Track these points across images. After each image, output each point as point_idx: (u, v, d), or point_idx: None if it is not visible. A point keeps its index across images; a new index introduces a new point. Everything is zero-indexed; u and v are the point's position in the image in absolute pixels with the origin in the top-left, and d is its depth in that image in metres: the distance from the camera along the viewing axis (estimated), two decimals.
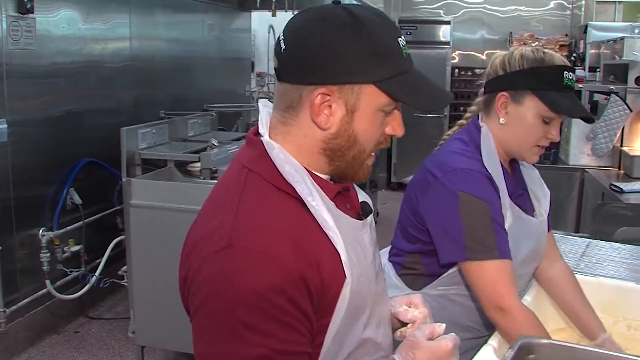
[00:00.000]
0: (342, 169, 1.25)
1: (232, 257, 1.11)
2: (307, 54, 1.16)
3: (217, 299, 1.10)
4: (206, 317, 1.12)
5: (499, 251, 1.72)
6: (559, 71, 1.80)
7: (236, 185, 1.21)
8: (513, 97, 1.83)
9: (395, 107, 1.22)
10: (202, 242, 1.16)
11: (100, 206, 4.77)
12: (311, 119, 1.19)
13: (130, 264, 3.79)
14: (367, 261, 1.29)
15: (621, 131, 5.08)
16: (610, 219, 3.36)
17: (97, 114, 4.77)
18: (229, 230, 1.13)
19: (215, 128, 5.45)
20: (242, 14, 7.44)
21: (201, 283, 1.13)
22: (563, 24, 9.30)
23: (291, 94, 1.20)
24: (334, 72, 1.15)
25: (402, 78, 1.19)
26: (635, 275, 2.31)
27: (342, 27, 1.15)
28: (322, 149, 1.22)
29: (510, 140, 1.87)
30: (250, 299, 1.08)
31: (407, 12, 9.50)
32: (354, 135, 1.21)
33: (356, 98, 1.17)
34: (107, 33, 4.91)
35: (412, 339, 1.27)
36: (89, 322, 4.60)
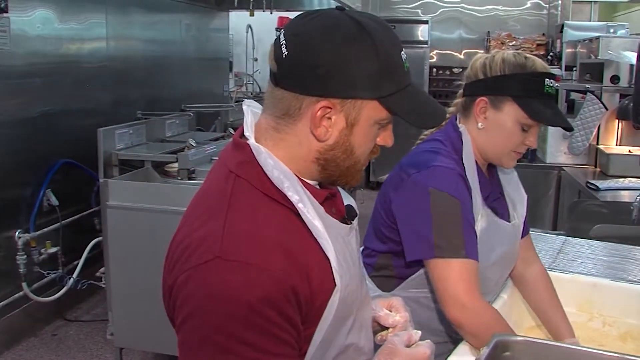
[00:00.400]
0: (334, 177, 1.24)
1: (221, 269, 1.07)
2: (312, 65, 1.12)
3: (207, 313, 1.07)
4: (195, 331, 1.08)
5: (466, 250, 1.70)
6: (541, 78, 1.77)
7: (223, 192, 1.17)
8: (492, 103, 1.81)
9: (390, 120, 1.21)
10: (189, 251, 1.12)
11: (78, 207, 4.73)
12: (310, 130, 1.16)
13: (108, 265, 3.76)
14: (355, 266, 1.28)
15: (597, 129, 5.12)
16: (586, 216, 3.38)
17: (73, 115, 4.72)
18: (217, 240, 1.10)
19: (193, 128, 5.43)
20: (220, 13, 7.41)
21: (188, 296, 1.09)
22: (540, 23, 9.38)
23: (289, 102, 1.16)
24: (340, 86, 1.13)
25: (403, 93, 1.17)
26: (610, 272, 2.33)
27: (351, 40, 1.12)
28: (316, 158, 1.20)
29: (488, 145, 1.86)
30: (241, 312, 1.05)
31: (385, 11, 9.52)
32: (351, 147, 1.19)
33: (357, 112, 1.15)
34: (83, 33, 4.87)
35: (391, 345, 1.26)
36: (66, 324, 4.56)
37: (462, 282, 1.68)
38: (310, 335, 1.16)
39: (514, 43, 8.92)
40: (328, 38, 1.12)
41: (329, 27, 1.13)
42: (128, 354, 4.03)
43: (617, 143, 5.19)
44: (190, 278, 1.09)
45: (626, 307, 1.99)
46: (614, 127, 5.18)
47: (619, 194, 4.19)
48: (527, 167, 5.34)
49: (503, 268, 1.97)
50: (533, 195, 5.15)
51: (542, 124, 1.82)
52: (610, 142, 5.20)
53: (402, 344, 1.26)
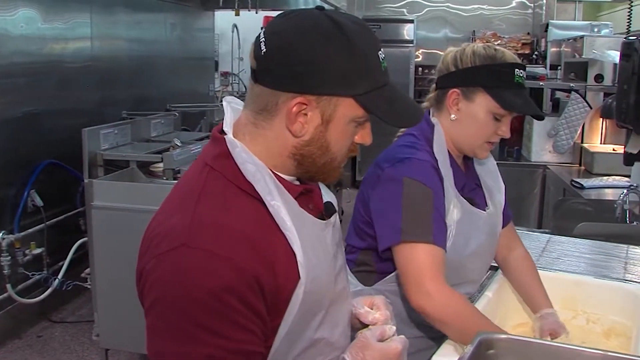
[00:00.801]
0: (311, 173, 1.27)
1: (186, 256, 1.11)
2: (289, 62, 1.15)
3: (171, 299, 1.10)
4: (159, 316, 1.12)
5: (434, 236, 1.70)
6: (511, 69, 1.80)
7: (197, 183, 1.21)
8: (464, 94, 1.84)
9: (367, 118, 1.23)
10: (159, 239, 1.15)
11: (63, 208, 4.70)
12: (285, 126, 1.19)
13: (93, 266, 3.75)
14: (328, 261, 1.30)
15: (582, 128, 5.15)
16: (570, 214, 3.40)
17: (58, 115, 4.70)
18: (185, 228, 1.13)
19: (179, 128, 5.42)
20: (205, 13, 7.40)
21: (155, 281, 1.13)
22: (525, 22, 9.43)
23: (267, 98, 1.19)
24: (315, 83, 1.15)
25: (379, 92, 1.20)
26: (594, 269, 2.34)
27: (327, 39, 1.15)
28: (292, 153, 1.22)
29: (461, 136, 1.88)
30: (204, 298, 1.08)
31: (371, 11, 9.54)
32: (327, 144, 1.22)
33: (333, 109, 1.18)
34: (68, 33, 4.84)
35: (363, 339, 1.29)
36: (51, 325, 4.53)
37: (427, 267, 1.68)
38: (276, 327, 1.19)
39: (499, 42, 8.94)
40: (305, 37, 1.15)
41: (307, 26, 1.16)
42: (114, 355, 4.01)
43: (601, 141, 5.22)
44: (157, 265, 1.13)
45: (610, 304, 2.00)
46: (598, 125, 5.22)
47: (604, 192, 4.21)
48: (513, 165, 5.37)
49: (482, 257, 1.97)
50: (518, 194, 5.23)
51: (513, 114, 1.84)
52: (595, 141, 5.23)
53: (375, 338, 1.29)
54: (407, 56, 8.84)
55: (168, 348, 1.10)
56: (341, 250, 1.42)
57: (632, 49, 3.03)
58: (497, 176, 2.09)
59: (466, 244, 1.86)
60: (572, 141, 5.17)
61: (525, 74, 1.84)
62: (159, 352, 1.13)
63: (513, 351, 1.42)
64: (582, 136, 5.22)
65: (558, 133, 5.20)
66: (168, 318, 1.11)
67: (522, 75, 1.82)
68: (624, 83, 3.13)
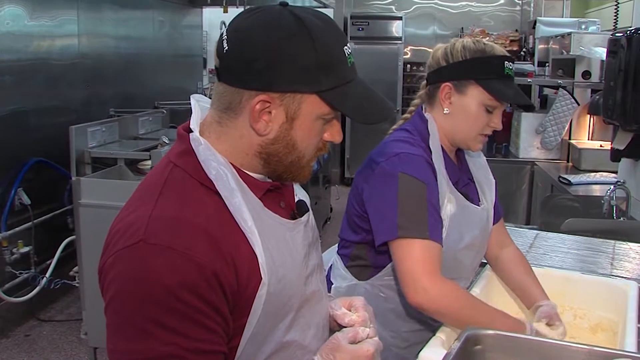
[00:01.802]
0: (279, 171, 1.24)
1: (144, 252, 1.08)
2: (250, 60, 1.13)
3: (127, 296, 1.08)
4: (116, 314, 1.09)
5: (430, 232, 1.72)
6: (500, 61, 1.83)
7: (159, 179, 1.19)
8: (456, 87, 1.86)
9: (334, 115, 1.21)
10: (118, 235, 1.13)
11: (50, 206, 4.68)
12: (250, 124, 1.17)
13: (81, 264, 3.73)
14: (296, 262, 1.26)
15: (569, 124, 5.18)
16: (558, 210, 3.42)
17: (45, 113, 4.67)
18: (144, 224, 1.11)
19: (167, 125, 5.41)
20: (193, 10, 7.38)
21: (113, 278, 1.10)
22: (513, 19, 9.46)
23: (231, 96, 1.17)
24: (277, 80, 1.13)
25: (345, 88, 1.17)
26: (581, 265, 2.35)
27: (289, 35, 1.13)
28: (258, 152, 1.20)
29: (455, 129, 1.90)
30: (161, 296, 1.05)
31: (359, 7, 9.53)
32: (293, 142, 1.19)
33: (297, 106, 1.16)
34: (55, 30, 4.81)
35: (334, 341, 1.27)
36: (39, 324, 4.51)
37: (423, 262, 1.69)
38: (242, 327, 1.16)
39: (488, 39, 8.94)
40: (266, 33, 1.13)
41: (268, 23, 1.14)
42: (103, 354, 3.99)
43: (588, 138, 5.25)
44: (115, 261, 1.11)
45: (597, 300, 2.01)
46: (586, 122, 5.25)
47: (591, 188, 4.24)
48: (501, 162, 5.39)
49: (476, 252, 1.98)
50: (507, 190, 5.24)
51: (505, 105, 1.87)
52: (582, 137, 5.26)
53: (346, 340, 1.26)
54: (395, 53, 8.84)
55: (126, 346, 1.07)
56: (316, 251, 1.39)
57: (618, 46, 3.05)
58: (487, 171, 2.10)
59: (461, 239, 1.87)
60: (560, 137, 5.19)
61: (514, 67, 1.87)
62: (114, 350, 1.10)
63: (500, 347, 1.42)
64: (570, 132, 5.25)
65: (546, 129, 5.22)
66: (124, 315, 1.08)
67: (511, 67, 1.85)
68: (611, 80, 3.14)
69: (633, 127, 3.08)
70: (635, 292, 1.92)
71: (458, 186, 1.91)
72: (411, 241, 1.71)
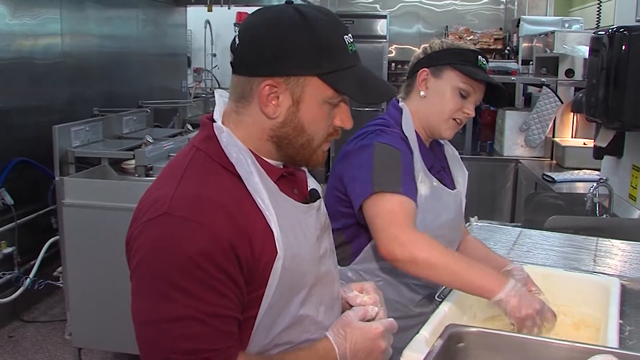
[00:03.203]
0: (291, 155, 1.35)
1: (167, 224, 1.20)
2: (256, 49, 1.28)
3: (151, 262, 1.20)
4: (141, 279, 1.22)
5: (403, 188, 1.79)
6: (475, 54, 1.98)
7: (182, 162, 1.31)
8: (433, 72, 1.99)
9: (341, 99, 1.33)
10: (145, 209, 1.25)
11: (34, 206, 4.65)
12: (260, 109, 1.29)
13: (65, 264, 3.71)
14: (309, 243, 1.37)
15: (553, 122, 5.21)
16: (541, 208, 3.43)
17: (28, 112, 4.64)
18: (168, 199, 1.23)
19: (151, 125, 5.39)
20: (177, 9, 7.35)
21: (139, 247, 1.22)
22: (497, 18, 9.49)
23: (243, 86, 1.31)
24: (280, 66, 1.26)
25: (347, 72, 1.29)
26: (564, 262, 2.37)
27: (291, 24, 1.26)
28: (270, 136, 1.32)
29: (429, 112, 2.00)
30: (181, 262, 1.17)
31: (344, 6, 9.54)
32: (301, 124, 1.31)
33: (301, 90, 1.28)
34: (37, 29, 4.78)
35: (346, 318, 1.39)
36: (23, 325, 4.48)
37: (396, 215, 1.75)
38: (257, 298, 1.27)
39: (472, 37, 9.00)
40: (271, 26, 1.28)
41: (273, 17, 1.29)
42: (87, 354, 3.98)
43: (572, 135, 5.29)
44: (141, 232, 1.23)
45: (580, 296, 2.02)
46: (569, 120, 5.28)
47: (574, 185, 4.26)
48: (485, 160, 5.42)
49: (450, 236, 2.06)
50: (491, 188, 5.27)
51: (478, 94, 1.98)
52: (566, 135, 5.30)
53: (357, 317, 1.39)
54: (380, 52, 8.85)
55: (148, 307, 1.20)
56: (328, 235, 1.49)
57: (600, 44, 3.06)
58: (461, 164, 2.21)
59: (435, 219, 1.95)
60: (544, 135, 5.22)
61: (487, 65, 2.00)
62: (139, 310, 1.22)
63: (483, 344, 1.43)
64: (554, 130, 5.28)
65: (530, 127, 5.24)
66: (148, 280, 1.20)
67: (484, 62, 1.98)
68: (593, 78, 3.16)
69: (615, 125, 3.10)
70: (617, 288, 1.93)
71: (432, 172, 2.00)
72: (385, 195, 1.78)
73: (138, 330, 1.23)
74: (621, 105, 2.94)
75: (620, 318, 1.77)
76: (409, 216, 1.76)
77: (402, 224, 1.73)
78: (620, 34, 2.93)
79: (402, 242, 1.70)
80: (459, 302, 1.83)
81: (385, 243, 1.73)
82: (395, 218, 1.74)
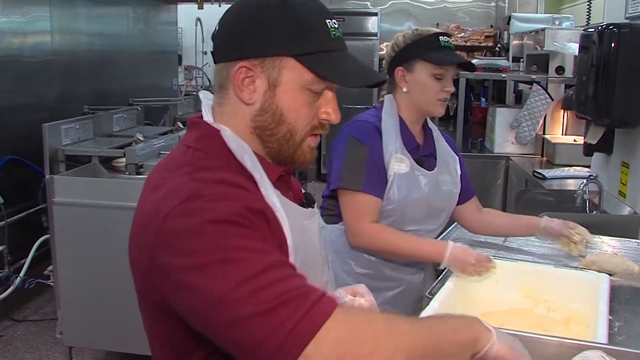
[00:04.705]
0: (275, 151, 1.26)
1: (195, 203, 1.09)
2: (231, 32, 1.23)
3: (199, 239, 1.06)
4: (195, 261, 1.05)
5: (364, 186, 2.18)
6: (435, 37, 2.23)
7: (182, 160, 1.21)
8: (406, 68, 2.26)
9: (325, 87, 1.24)
10: (161, 205, 1.11)
11: (24, 205, 4.62)
12: (236, 94, 1.23)
13: (55, 263, 3.70)
14: (315, 250, 1.33)
15: (543, 119, 5.22)
16: (532, 205, 3.44)
17: (17, 110, 4.62)
18: (187, 186, 1.12)
19: (142, 122, 5.37)
20: (168, 6, 7.33)
21: (176, 235, 1.07)
22: (488, 15, 9.51)
23: (221, 73, 1.25)
24: (254, 46, 1.20)
25: (326, 55, 1.21)
26: (554, 258, 2.38)
27: (264, 7, 1.20)
28: (253, 128, 1.24)
29: (416, 101, 2.28)
30: (226, 226, 1.06)
31: (335, 3, 9.53)
32: (279, 111, 1.23)
33: (278, 73, 1.20)
34: (27, 26, 4.76)
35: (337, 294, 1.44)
36: (14, 325, 4.47)
37: (356, 212, 2.21)
38: None
39: (463, 35, 9.01)
40: (244, 9, 1.23)
41: (250, 2, 1.24)
42: (79, 354, 3.98)
43: (562, 133, 5.30)
44: (172, 219, 1.08)
45: (569, 293, 2.02)
46: (560, 117, 5.29)
47: (565, 182, 4.27)
48: (476, 157, 5.43)
49: (425, 210, 2.33)
50: (482, 185, 5.27)
51: (451, 71, 2.24)
52: (556, 132, 5.31)
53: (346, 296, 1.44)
54: (371, 49, 8.84)
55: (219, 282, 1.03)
56: (322, 242, 1.46)
57: (590, 42, 3.07)
58: (449, 150, 2.46)
59: (408, 195, 2.25)
60: (535, 132, 5.23)
61: (450, 40, 2.27)
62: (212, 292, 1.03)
63: None
64: (544, 127, 5.29)
65: (520, 124, 5.25)
66: (204, 258, 1.04)
67: (446, 40, 2.24)
68: (583, 75, 3.17)
69: (605, 122, 3.12)
70: (606, 284, 1.94)
71: (415, 154, 2.29)
72: (349, 193, 2.22)
73: (223, 312, 1.02)
74: (610, 102, 2.95)
75: (610, 314, 1.78)
76: (366, 211, 2.20)
77: (359, 220, 2.20)
78: (609, 31, 2.95)
79: (359, 238, 2.22)
80: (448, 299, 1.84)
81: (347, 234, 2.26)
82: (354, 214, 2.21)
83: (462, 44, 9.01)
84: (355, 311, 1.22)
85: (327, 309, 1.02)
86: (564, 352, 1.36)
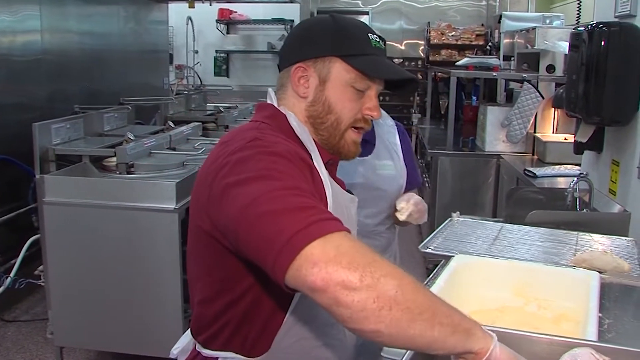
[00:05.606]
0: (325, 138, 1.53)
1: (259, 142, 1.34)
2: (291, 42, 1.57)
3: (253, 160, 1.29)
4: (246, 172, 1.27)
5: None
6: None
7: (252, 127, 1.47)
8: None
9: (368, 87, 1.51)
10: (226, 148, 1.36)
11: (14, 205, 4.60)
12: (294, 91, 1.52)
13: (46, 263, 3.68)
14: (352, 225, 1.53)
15: (534, 118, 5.23)
16: (522, 203, 3.44)
17: (7, 110, 4.60)
18: (254, 133, 1.39)
19: (132, 122, 5.35)
20: (159, 5, 7.30)
21: (236, 162, 1.30)
22: (479, 14, 9.55)
23: (282, 77, 1.56)
24: (309, 50, 1.50)
25: (367, 57, 1.49)
26: (544, 256, 2.38)
27: (318, 21, 1.56)
28: (307, 117, 1.52)
29: None
30: (278, 156, 1.31)
31: (327, 2, 9.54)
32: (328, 102, 1.50)
33: (327, 70, 1.49)
34: (16, 25, 4.73)
35: None
36: (4, 325, 4.46)
37: None
38: None
39: (454, 33, 9.04)
40: (302, 24, 1.62)
41: (307, 20, 1.66)
42: (69, 353, 3.96)
43: (553, 131, 5.32)
44: (237, 151, 1.33)
45: (560, 290, 2.03)
46: (550, 115, 5.31)
47: (555, 180, 4.28)
48: (467, 155, 5.44)
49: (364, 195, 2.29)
50: (473, 183, 5.29)
51: None
52: (547, 130, 5.32)
53: None
54: None
55: (254, 188, 1.22)
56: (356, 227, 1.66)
57: (580, 40, 3.08)
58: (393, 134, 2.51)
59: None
60: (525, 131, 5.25)
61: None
62: (254, 198, 1.21)
63: None
64: (535, 126, 5.31)
65: (511, 123, 5.27)
66: (251, 172, 1.26)
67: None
68: (573, 73, 3.18)
69: (595, 120, 3.12)
70: (596, 282, 1.95)
71: None
72: None
73: (254, 209, 1.20)
74: (600, 100, 2.96)
75: (600, 311, 1.79)
76: None
77: None
78: (599, 30, 2.95)
79: None
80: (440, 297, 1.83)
81: None
82: None
83: (454, 43, 9.03)
84: None
85: (342, 227, 1.17)
86: (554, 350, 1.36)
